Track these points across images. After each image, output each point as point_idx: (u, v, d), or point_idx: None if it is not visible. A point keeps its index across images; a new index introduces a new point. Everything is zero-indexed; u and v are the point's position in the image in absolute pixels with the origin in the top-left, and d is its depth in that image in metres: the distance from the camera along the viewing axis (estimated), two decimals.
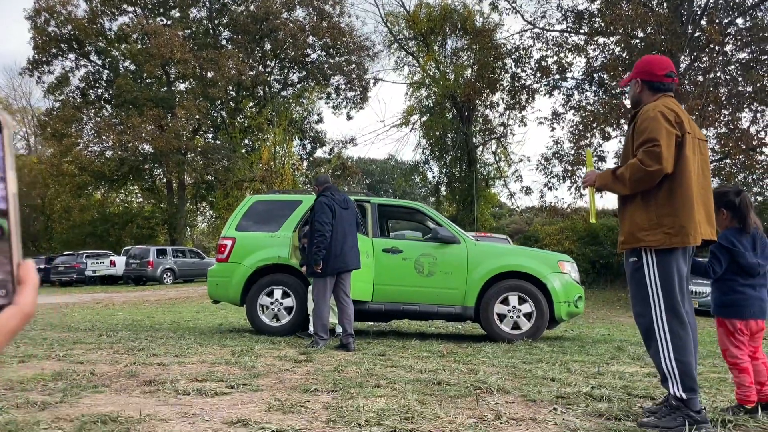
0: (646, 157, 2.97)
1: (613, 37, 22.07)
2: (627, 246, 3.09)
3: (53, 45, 32.50)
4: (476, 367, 4.98)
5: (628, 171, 3.02)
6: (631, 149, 3.12)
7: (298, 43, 32.72)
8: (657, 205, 3.03)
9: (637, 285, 3.09)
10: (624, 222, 3.12)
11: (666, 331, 2.97)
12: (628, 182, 3.03)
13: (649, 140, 2.99)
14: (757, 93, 19.78)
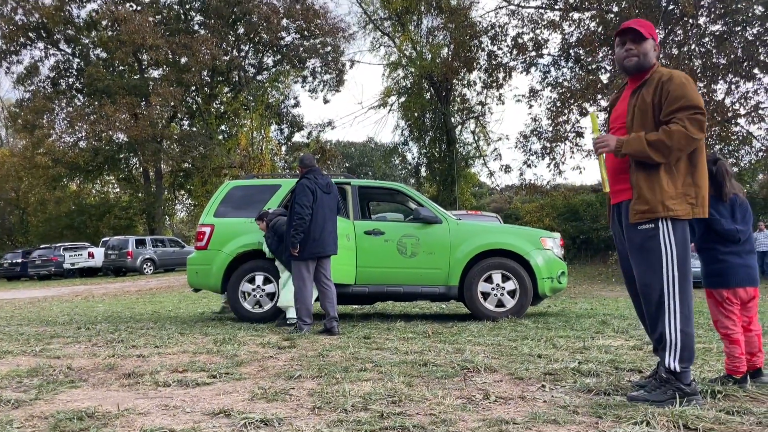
0: (692, 125, 2.85)
1: (588, 12, 22.02)
2: (650, 215, 2.91)
3: (21, 34, 31.71)
4: (462, 346, 4.94)
5: (672, 138, 2.84)
6: (655, 114, 2.96)
7: (272, 26, 32.25)
8: (681, 174, 2.93)
9: (648, 254, 2.94)
10: (646, 190, 2.93)
11: (678, 301, 2.89)
12: (671, 150, 2.86)
13: (692, 107, 2.87)
14: (731, 65, 19.87)
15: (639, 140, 2.90)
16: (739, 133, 21.49)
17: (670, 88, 2.91)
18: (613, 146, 2.97)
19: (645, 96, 2.98)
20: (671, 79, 2.94)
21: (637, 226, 2.98)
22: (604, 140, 3.00)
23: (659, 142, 2.86)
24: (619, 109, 3.15)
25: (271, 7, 32.44)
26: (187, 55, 30.26)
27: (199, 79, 31.87)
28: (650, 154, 2.87)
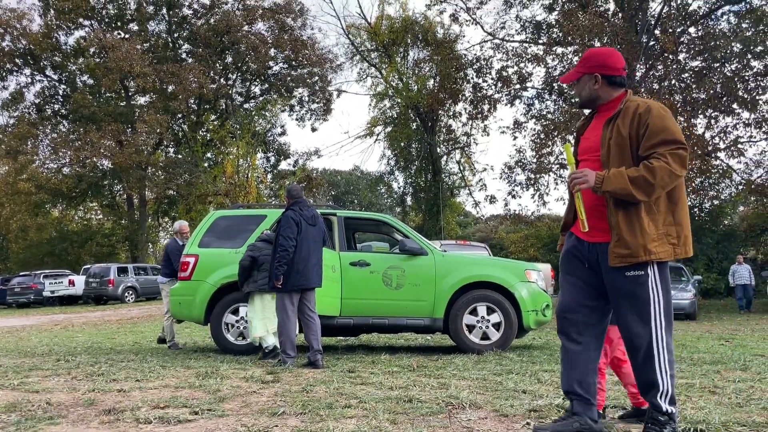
0: (675, 161, 2.66)
1: (570, 47, 22.43)
2: (631, 260, 2.71)
3: (8, 60, 31.68)
4: (447, 381, 4.92)
5: (655, 176, 2.64)
6: (632, 148, 2.77)
7: (260, 56, 32.50)
8: (661, 212, 2.75)
9: (637, 302, 2.76)
10: (626, 232, 2.72)
11: (665, 347, 2.76)
12: (654, 188, 2.66)
13: (674, 141, 2.69)
14: (710, 100, 20.28)
15: (621, 177, 2.68)
16: (719, 167, 21.83)
17: (648, 120, 2.72)
18: (592, 182, 2.73)
19: (620, 128, 2.78)
20: (649, 110, 2.74)
21: (624, 272, 2.76)
22: (583, 176, 2.75)
23: (642, 180, 2.65)
24: (590, 139, 2.94)
25: (260, 37, 32.72)
26: (175, 82, 30.36)
27: (185, 107, 31.94)
28: (632, 192, 2.65)
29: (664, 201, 2.76)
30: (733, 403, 3.93)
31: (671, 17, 21.46)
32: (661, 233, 2.75)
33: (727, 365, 5.90)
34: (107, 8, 32.85)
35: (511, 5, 24.15)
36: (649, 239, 2.71)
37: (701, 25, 21.89)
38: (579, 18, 20.83)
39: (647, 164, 2.67)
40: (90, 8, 31.87)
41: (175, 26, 34.08)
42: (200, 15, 33.85)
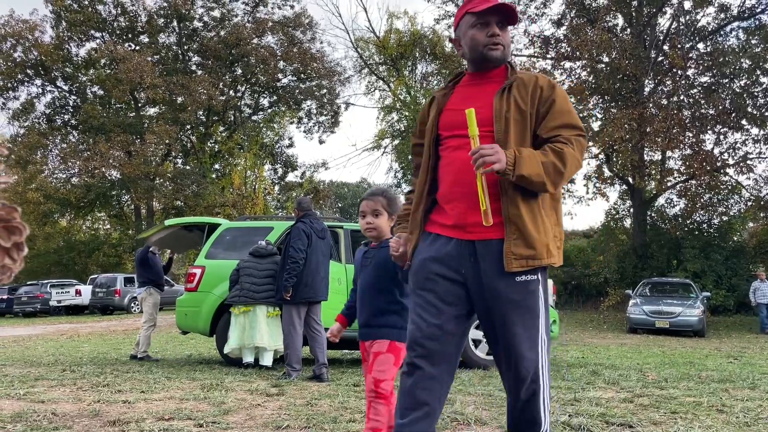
0: (579, 150, 2.22)
1: (579, 62, 22.48)
2: (536, 263, 2.16)
3: (19, 71, 32.00)
4: (452, 396, 4.90)
5: (566, 162, 2.16)
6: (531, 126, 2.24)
7: (268, 69, 32.71)
8: (548, 209, 2.26)
9: (527, 316, 2.18)
10: (531, 228, 2.16)
11: (547, 371, 2.25)
12: (563, 177, 2.17)
13: (578, 126, 2.25)
14: (719, 116, 20.25)
15: (535, 160, 2.13)
16: (728, 183, 21.75)
17: (554, 97, 2.24)
18: (504, 164, 2.08)
19: (519, 102, 2.22)
20: (553, 87, 2.27)
21: (515, 276, 2.16)
22: (494, 153, 2.07)
23: (552, 166, 2.14)
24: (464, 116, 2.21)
25: (269, 50, 32.95)
26: (184, 94, 30.58)
27: (194, 118, 32.14)
28: (545, 179, 2.14)
29: (549, 197, 2.27)
30: (741, 422, 3.89)
31: (680, 33, 21.50)
32: (554, 233, 2.26)
33: (736, 384, 5.85)
34: (118, 21, 33.18)
35: (519, 20, 24.24)
36: (550, 237, 2.22)
37: (710, 41, 21.91)
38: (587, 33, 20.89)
39: (556, 149, 2.16)
40: (101, 20, 32.20)
41: (186, 38, 34.37)
42: (210, 28, 34.14)
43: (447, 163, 2.29)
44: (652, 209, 23.14)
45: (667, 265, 21.30)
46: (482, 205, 2.13)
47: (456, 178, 2.24)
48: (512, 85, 2.25)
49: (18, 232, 0.50)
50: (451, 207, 2.26)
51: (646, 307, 16.12)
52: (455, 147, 2.27)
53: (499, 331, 2.20)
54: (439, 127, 2.34)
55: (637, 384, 5.70)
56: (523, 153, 2.12)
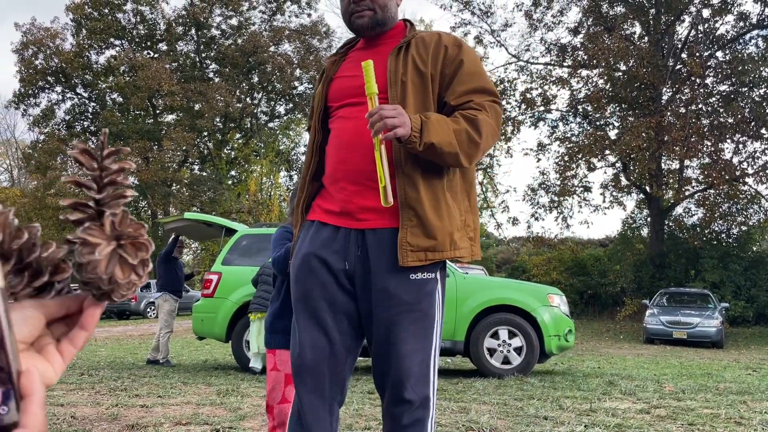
0: (495, 118, 1.84)
1: (596, 70, 22.40)
2: (437, 256, 1.76)
3: (40, 78, 32.49)
4: (467, 405, 4.89)
5: (481, 132, 1.77)
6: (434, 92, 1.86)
7: (285, 76, 32.94)
8: (458, 193, 1.87)
9: (421, 322, 1.79)
10: (433, 214, 1.76)
11: (436, 385, 1.86)
12: (478, 148, 1.79)
13: (492, 91, 1.88)
14: (738, 124, 20.08)
15: (446, 126, 1.74)
16: (747, 192, 21.53)
17: (462, 57, 1.86)
18: (408, 128, 1.67)
19: (418, 62, 1.85)
20: (460, 44, 1.90)
21: (409, 273, 1.77)
22: (398, 114, 1.66)
23: (465, 135, 1.75)
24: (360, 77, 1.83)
25: (286, 58, 33.18)
26: (201, 101, 30.87)
27: (211, 125, 32.40)
28: (458, 150, 1.74)
29: (461, 177, 1.88)
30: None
31: (698, 41, 21.37)
32: (462, 221, 1.85)
33: (754, 396, 5.78)
34: (138, 29, 33.60)
35: (536, 28, 24.24)
36: (456, 226, 1.82)
37: (729, 49, 21.76)
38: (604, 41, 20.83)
39: (469, 116, 1.78)
40: (121, 28, 32.63)
41: (203, 46, 34.72)
42: (228, 36, 34.46)
43: (335, 136, 1.88)
44: (669, 218, 22.96)
45: (685, 275, 21.10)
46: (381, 180, 1.70)
47: (343, 154, 1.84)
48: (410, 43, 1.89)
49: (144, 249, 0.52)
50: (337, 189, 1.84)
51: (664, 318, 15.97)
52: (345, 117, 1.87)
53: (384, 339, 1.79)
54: (328, 98, 1.95)
55: (654, 395, 5.66)
56: (431, 117, 1.73)
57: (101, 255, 0.49)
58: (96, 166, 0.52)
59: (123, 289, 0.51)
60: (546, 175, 23.67)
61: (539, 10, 23.80)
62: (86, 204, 0.52)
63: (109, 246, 0.50)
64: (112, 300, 0.51)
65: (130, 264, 0.51)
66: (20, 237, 0.48)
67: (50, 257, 0.50)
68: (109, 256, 0.50)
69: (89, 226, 0.50)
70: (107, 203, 0.51)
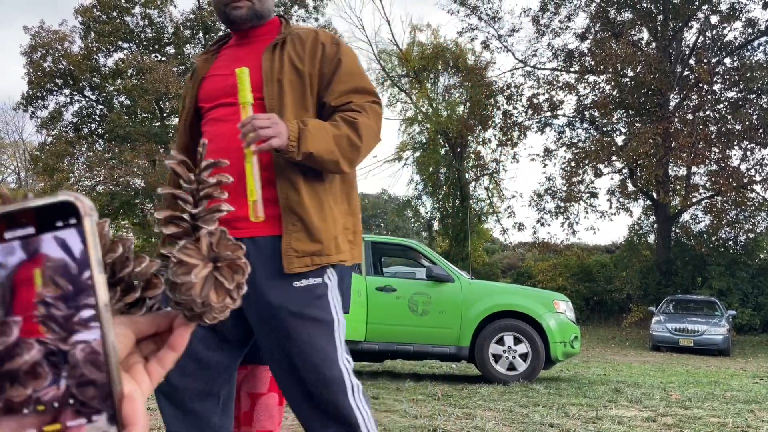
0: (376, 120, 1.81)
1: (603, 76, 22.36)
2: (323, 260, 1.71)
3: (48, 80, 32.69)
4: (472, 411, 4.86)
5: (361, 135, 1.72)
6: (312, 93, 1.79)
7: None
8: (334, 194, 1.80)
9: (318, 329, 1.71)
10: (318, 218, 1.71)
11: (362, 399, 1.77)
12: (359, 153, 1.74)
13: (371, 92, 1.85)
14: (746, 131, 20.01)
15: (325, 133, 1.67)
16: (755, 200, 21.43)
17: (340, 56, 1.80)
18: (284, 139, 1.60)
19: (294, 60, 1.77)
20: (338, 43, 1.84)
21: (293, 282, 1.69)
22: (272, 124, 1.59)
23: (346, 140, 1.70)
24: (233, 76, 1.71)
25: None
26: None
27: None
28: (338, 157, 1.69)
29: (339, 181, 1.83)
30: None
31: (706, 47, 21.32)
32: (343, 224, 1.80)
33: (762, 405, 5.73)
34: (146, 32, 33.77)
35: (543, 33, 24.23)
36: (339, 229, 1.77)
37: (737, 56, 21.69)
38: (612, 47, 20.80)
39: (348, 119, 1.73)
40: (129, 31, 32.80)
41: None
42: None
43: (209, 141, 1.74)
44: (676, 225, 22.86)
45: (692, 283, 21.00)
46: (251, 194, 1.62)
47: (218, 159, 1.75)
48: (286, 40, 1.81)
49: (241, 272, 0.50)
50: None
51: (670, 325, 15.88)
52: (219, 119, 1.79)
53: (281, 355, 1.68)
54: (199, 98, 1.86)
55: (660, 403, 5.61)
56: (309, 125, 1.66)
57: (197, 278, 0.48)
58: (193, 179, 0.51)
59: (216, 312, 0.49)
60: (552, 181, 23.63)
61: (546, 15, 23.79)
62: (181, 217, 0.50)
63: (205, 268, 0.48)
64: (204, 321, 0.49)
65: (226, 288, 0.49)
66: (114, 250, 0.46)
67: (142, 272, 0.48)
68: (205, 278, 0.48)
69: (186, 245, 0.49)
70: (202, 217, 0.50)
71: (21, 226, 0.39)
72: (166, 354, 0.48)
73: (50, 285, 0.39)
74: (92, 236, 0.39)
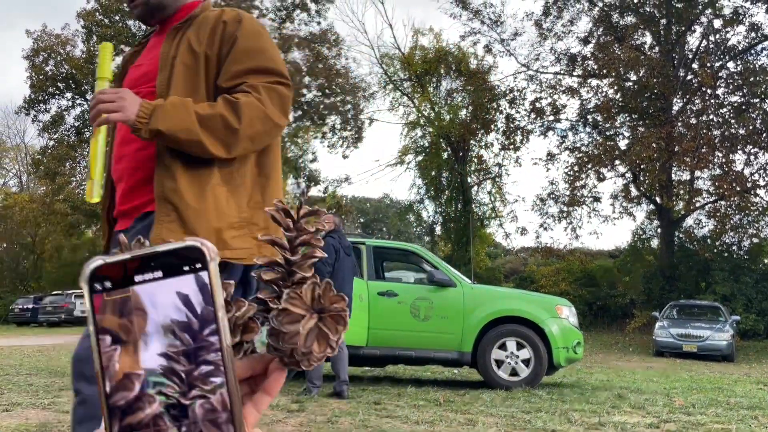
0: (274, 101, 1.65)
1: (606, 80, 22.33)
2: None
3: (50, 84, 32.75)
4: (474, 417, 4.82)
5: (241, 117, 1.58)
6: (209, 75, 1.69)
7: (294, 83, 32.84)
8: (246, 186, 1.68)
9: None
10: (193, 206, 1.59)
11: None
12: (237, 136, 1.58)
13: (274, 71, 1.70)
14: (749, 135, 19.95)
15: (185, 110, 1.57)
16: (759, 204, 21.36)
17: (238, 33, 1.69)
18: (132, 113, 1.54)
19: (192, 42, 1.69)
20: (240, 20, 1.72)
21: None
22: (117, 98, 1.56)
23: (219, 121, 1.58)
24: (144, 65, 1.78)
25: (295, 66, 33.27)
26: None
27: None
28: (202, 138, 1.56)
29: (252, 169, 1.71)
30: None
31: (709, 51, 21.29)
32: (245, 219, 1.65)
33: (766, 411, 5.68)
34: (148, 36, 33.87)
35: (546, 37, 24.22)
36: (226, 223, 1.61)
37: (740, 60, 21.65)
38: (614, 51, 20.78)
39: (230, 98, 1.62)
40: (131, 35, 32.85)
41: None
42: None
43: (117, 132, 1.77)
44: (680, 230, 22.79)
45: (696, 288, 20.91)
46: (91, 172, 1.58)
47: (120, 150, 1.72)
48: (190, 22, 1.73)
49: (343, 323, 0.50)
50: (119, 188, 1.72)
51: (674, 330, 15.81)
52: None
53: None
54: (124, 83, 1.84)
55: (663, 409, 5.57)
56: (167, 102, 1.57)
57: (304, 329, 0.48)
58: (292, 226, 0.51)
59: (314, 360, 0.49)
60: (555, 185, 23.59)
61: (549, 19, 23.79)
62: (278, 263, 0.51)
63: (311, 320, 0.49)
64: (300, 367, 0.49)
65: (329, 339, 0.48)
66: None
67: (242, 316, 0.48)
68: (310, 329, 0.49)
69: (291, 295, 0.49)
70: (298, 264, 0.50)
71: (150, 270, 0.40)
72: (261, 398, 0.48)
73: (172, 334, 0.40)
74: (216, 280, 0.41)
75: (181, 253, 0.40)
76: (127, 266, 0.40)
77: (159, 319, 0.40)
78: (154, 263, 0.40)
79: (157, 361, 0.39)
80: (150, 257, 0.40)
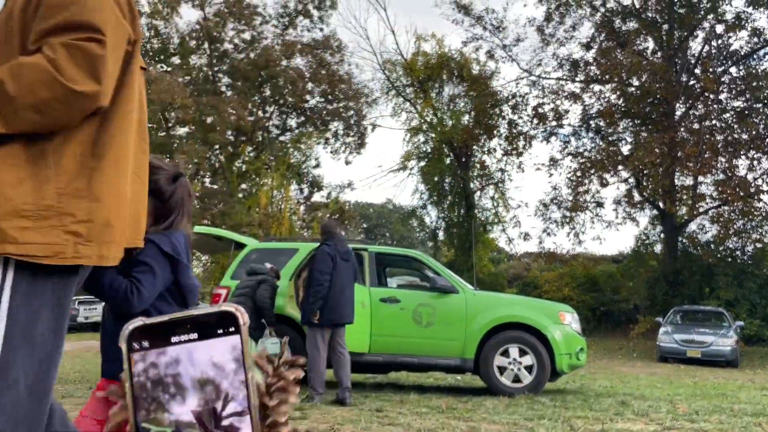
0: (71, 60, 1.32)
1: (608, 85, 22.33)
2: None
3: None
4: (477, 424, 4.80)
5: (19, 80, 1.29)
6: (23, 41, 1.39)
7: (297, 90, 33.10)
8: (60, 169, 1.37)
9: None
10: None
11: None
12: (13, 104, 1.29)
13: (82, 25, 1.35)
14: (752, 140, 19.92)
15: None
16: (762, 209, 21.30)
17: None
18: None
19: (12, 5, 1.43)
20: None
21: None
22: None
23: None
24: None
25: (298, 72, 33.36)
26: (213, 114, 31.07)
27: (223, 138, 32.57)
28: None
29: (78, 148, 1.40)
30: None
31: (712, 57, 21.28)
32: (49, 207, 1.35)
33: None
34: (151, 42, 33.97)
35: (548, 43, 24.22)
36: (9, 210, 1.31)
37: (743, 65, 21.63)
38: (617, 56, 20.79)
39: (15, 63, 1.33)
40: None
41: (216, 60, 34.99)
42: (241, 50, 34.71)
43: None
44: (683, 235, 22.73)
45: (699, 293, 20.84)
46: None
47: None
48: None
49: None
50: None
51: (677, 336, 15.75)
52: None
53: None
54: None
55: (667, 416, 5.54)
56: None
57: None
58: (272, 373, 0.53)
59: None
60: (558, 191, 23.56)
61: (551, 25, 23.79)
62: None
63: None
64: None
65: None
66: None
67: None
68: None
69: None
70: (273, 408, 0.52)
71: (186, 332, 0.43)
72: None
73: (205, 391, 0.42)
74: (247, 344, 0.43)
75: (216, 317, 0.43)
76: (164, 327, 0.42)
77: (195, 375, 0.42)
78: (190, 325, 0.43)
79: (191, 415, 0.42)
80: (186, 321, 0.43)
